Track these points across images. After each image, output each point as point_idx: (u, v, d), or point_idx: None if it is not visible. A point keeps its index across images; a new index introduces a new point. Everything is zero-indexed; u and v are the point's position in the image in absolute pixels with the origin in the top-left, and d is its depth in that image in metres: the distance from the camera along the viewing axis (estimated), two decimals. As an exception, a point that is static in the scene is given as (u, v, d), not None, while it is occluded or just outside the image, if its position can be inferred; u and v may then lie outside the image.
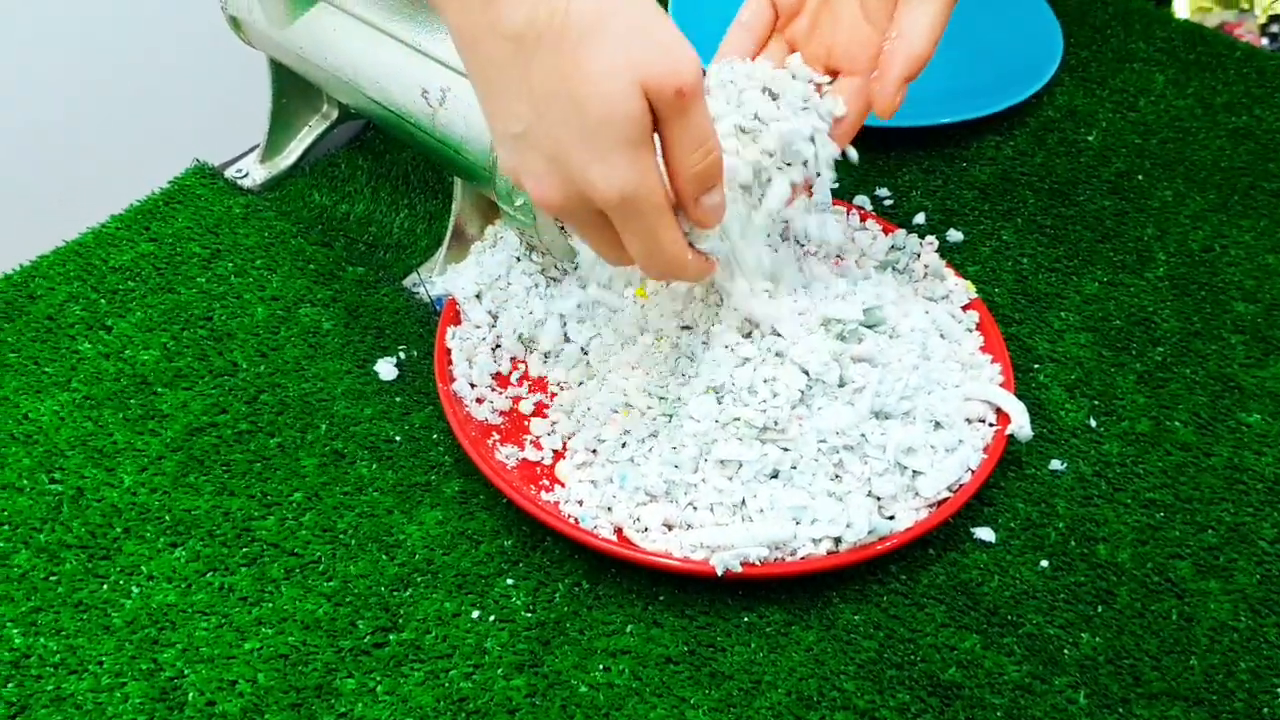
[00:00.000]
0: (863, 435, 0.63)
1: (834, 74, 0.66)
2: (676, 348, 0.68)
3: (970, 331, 0.72)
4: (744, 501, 0.62)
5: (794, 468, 0.62)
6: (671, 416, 0.65)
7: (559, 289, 0.72)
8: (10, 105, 1.03)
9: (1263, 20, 1.53)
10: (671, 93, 0.51)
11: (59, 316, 0.75)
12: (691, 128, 0.53)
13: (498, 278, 0.73)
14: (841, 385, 0.64)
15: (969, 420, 0.67)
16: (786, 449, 0.63)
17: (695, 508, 0.62)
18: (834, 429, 0.63)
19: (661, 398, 0.66)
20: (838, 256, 0.73)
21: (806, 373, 0.64)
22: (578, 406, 0.68)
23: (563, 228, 0.70)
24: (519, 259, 0.73)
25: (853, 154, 0.66)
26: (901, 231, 0.77)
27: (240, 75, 0.92)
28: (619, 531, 0.63)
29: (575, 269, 0.72)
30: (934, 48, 0.63)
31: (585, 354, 0.71)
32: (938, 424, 0.65)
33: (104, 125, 1.10)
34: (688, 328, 0.68)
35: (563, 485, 0.65)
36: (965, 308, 0.73)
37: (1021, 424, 0.66)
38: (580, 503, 0.64)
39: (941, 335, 0.71)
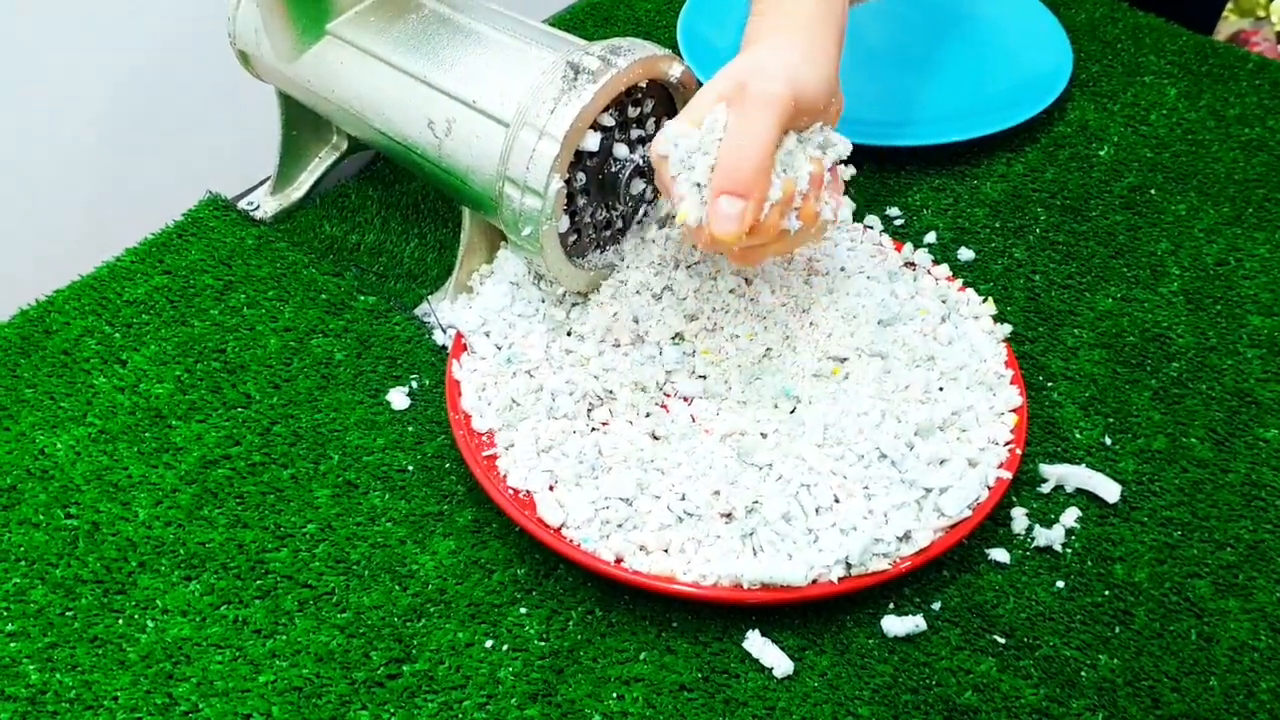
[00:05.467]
0: (882, 454, 0.63)
1: None
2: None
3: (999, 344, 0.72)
4: (754, 532, 0.61)
5: (802, 492, 0.62)
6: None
7: (559, 315, 0.72)
8: (24, 142, 1.04)
9: (1279, 28, 1.52)
10: None
11: (74, 351, 0.76)
12: None
13: (502, 309, 0.73)
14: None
15: (981, 448, 0.66)
16: (803, 466, 0.63)
17: (707, 534, 0.62)
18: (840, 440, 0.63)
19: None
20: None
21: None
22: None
23: (570, 256, 0.70)
24: (518, 285, 0.73)
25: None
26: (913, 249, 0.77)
27: (251, 109, 0.93)
28: (619, 561, 0.62)
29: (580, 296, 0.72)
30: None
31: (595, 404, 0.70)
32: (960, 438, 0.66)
33: (117, 160, 1.11)
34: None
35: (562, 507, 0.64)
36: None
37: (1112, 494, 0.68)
38: (579, 528, 0.63)
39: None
